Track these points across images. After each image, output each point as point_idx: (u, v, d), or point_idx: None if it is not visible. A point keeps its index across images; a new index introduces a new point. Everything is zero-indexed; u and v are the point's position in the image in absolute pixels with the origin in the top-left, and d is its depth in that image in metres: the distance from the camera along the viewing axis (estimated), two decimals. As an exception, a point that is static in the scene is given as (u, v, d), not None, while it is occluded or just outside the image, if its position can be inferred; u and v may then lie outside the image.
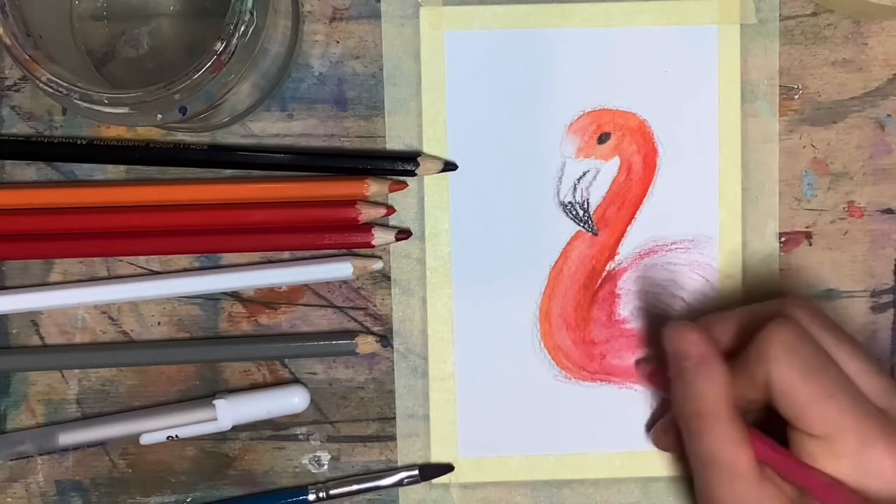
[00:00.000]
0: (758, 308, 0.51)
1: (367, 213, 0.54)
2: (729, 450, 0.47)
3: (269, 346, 0.55)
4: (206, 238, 0.54)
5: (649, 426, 0.56)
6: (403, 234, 0.54)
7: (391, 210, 0.54)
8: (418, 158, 0.54)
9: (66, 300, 0.55)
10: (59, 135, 0.55)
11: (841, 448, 0.46)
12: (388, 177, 0.54)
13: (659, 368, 0.53)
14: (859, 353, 0.49)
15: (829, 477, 0.47)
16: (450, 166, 0.54)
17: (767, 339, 0.48)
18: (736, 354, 0.49)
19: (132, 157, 0.54)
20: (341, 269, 0.54)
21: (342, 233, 0.54)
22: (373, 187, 0.54)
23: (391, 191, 0.54)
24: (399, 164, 0.54)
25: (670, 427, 0.53)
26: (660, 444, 0.55)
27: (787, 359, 0.47)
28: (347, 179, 0.54)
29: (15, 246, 0.54)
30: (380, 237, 0.54)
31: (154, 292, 0.55)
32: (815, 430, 0.47)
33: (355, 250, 0.55)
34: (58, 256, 0.55)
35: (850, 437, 0.46)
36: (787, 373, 0.47)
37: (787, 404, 0.47)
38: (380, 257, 0.55)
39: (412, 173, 0.54)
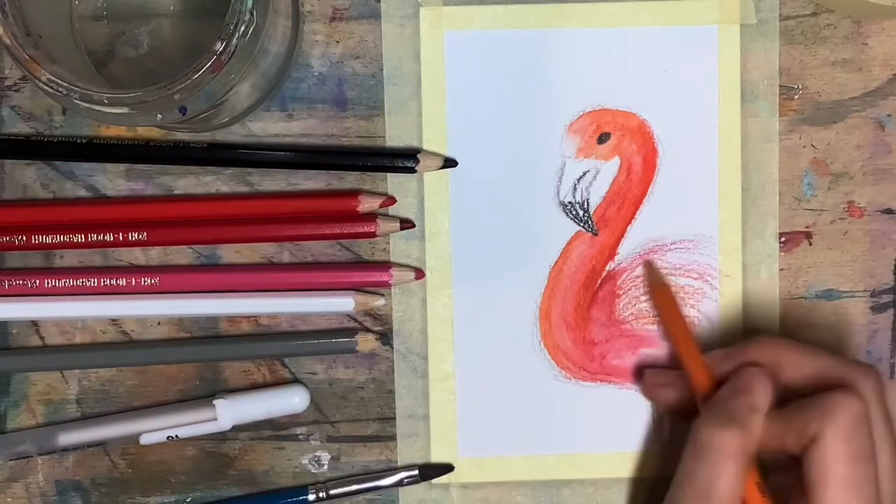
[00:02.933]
0: (834, 364, 0.50)
1: (368, 204, 0.54)
2: (727, 489, 0.47)
3: (269, 344, 0.55)
4: (205, 229, 0.54)
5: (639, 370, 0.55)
6: (407, 223, 0.54)
7: (391, 199, 0.54)
8: (418, 155, 0.54)
9: (66, 312, 0.55)
10: (58, 134, 0.55)
11: None
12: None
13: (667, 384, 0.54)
14: (894, 448, 0.49)
15: None
16: (450, 163, 0.54)
17: (838, 405, 0.47)
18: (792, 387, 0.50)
19: (132, 155, 0.54)
20: (343, 304, 0.54)
21: (344, 223, 0.54)
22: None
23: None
24: (399, 161, 0.54)
25: (671, 382, 0.53)
26: (652, 394, 0.54)
27: (846, 434, 0.47)
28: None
29: (12, 237, 0.54)
30: (383, 227, 0.54)
31: (154, 311, 0.55)
32: None
33: (360, 287, 0.55)
34: (56, 248, 0.55)
35: None
36: (839, 447, 0.47)
37: (817, 472, 0.47)
38: (382, 295, 0.55)
39: (412, 170, 0.54)
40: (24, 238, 0.54)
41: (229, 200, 0.55)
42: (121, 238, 0.54)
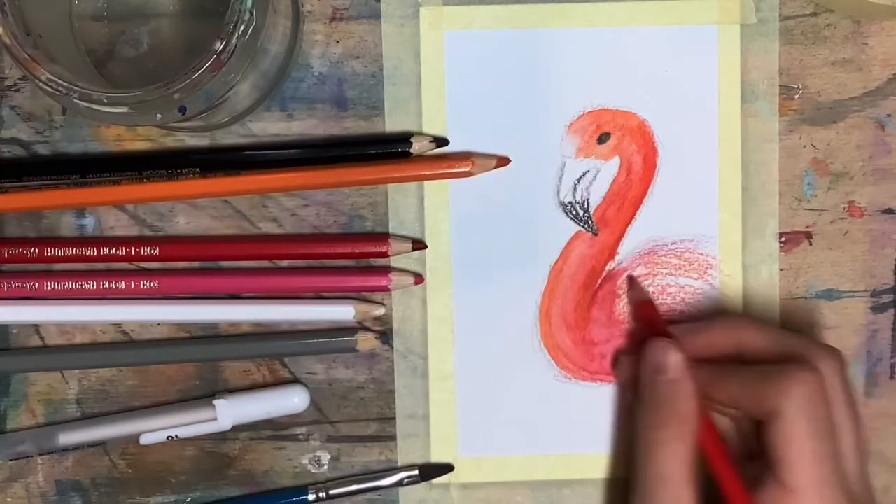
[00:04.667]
0: (796, 342, 0.51)
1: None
2: (677, 478, 0.49)
3: (270, 344, 0.55)
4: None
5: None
6: (419, 244, 0.55)
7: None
8: (411, 139, 0.54)
9: (66, 317, 0.55)
10: (48, 154, 0.55)
11: None
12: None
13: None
14: (857, 427, 0.50)
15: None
16: (441, 142, 0.54)
17: (795, 380, 0.48)
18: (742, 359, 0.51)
19: (121, 166, 0.54)
20: (343, 313, 0.54)
21: (356, 243, 0.54)
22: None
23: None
24: (393, 147, 0.54)
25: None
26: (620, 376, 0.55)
27: (804, 412, 0.48)
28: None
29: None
30: (395, 247, 0.54)
31: (155, 317, 0.55)
32: (788, 481, 0.48)
33: (360, 292, 0.55)
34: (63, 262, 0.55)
35: (815, 502, 0.48)
36: (797, 424, 0.48)
37: (777, 446, 0.48)
38: (382, 303, 0.55)
39: (408, 154, 0.54)
40: (37, 251, 0.54)
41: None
42: (132, 252, 0.54)
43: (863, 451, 0.50)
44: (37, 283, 0.54)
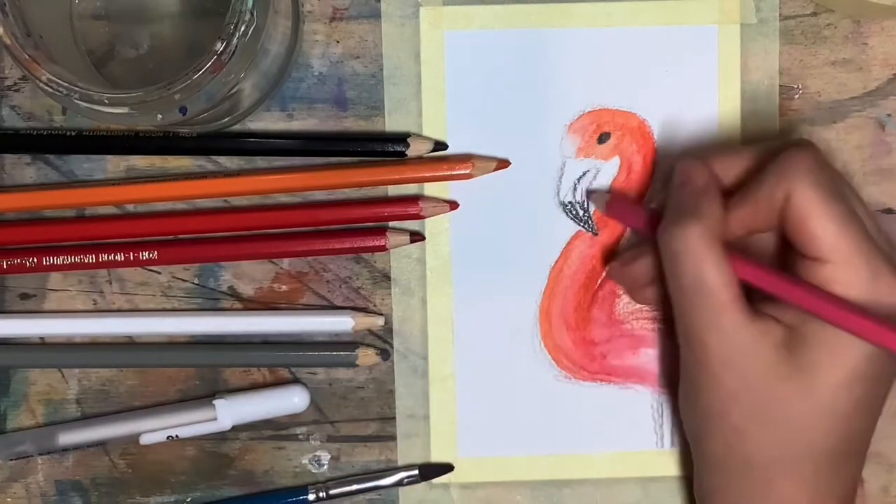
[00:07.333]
0: (768, 145, 0.50)
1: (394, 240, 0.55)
2: (715, 276, 0.46)
3: (271, 354, 0.55)
4: (218, 245, 0.55)
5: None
6: (417, 236, 0.55)
7: (418, 236, 0.55)
8: (408, 139, 0.54)
9: (69, 329, 0.55)
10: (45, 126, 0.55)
11: (853, 276, 0.46)
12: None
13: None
14: (856, 193, 0.49)
15: (815, 286, 0.46)
16: (440, 146, 0.54)
17: (791, 158, 0.47)
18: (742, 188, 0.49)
19: (122, 146, 0.54)
20: (342, 323, 0.55)
21: (355, 237, 0.54)
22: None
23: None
24: (389, 146, 0.54)
25: (635, 258, 0.52)
26: (618, 278, 0.54)
27: (811, 178, 0.46)
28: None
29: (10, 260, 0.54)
30: (393, 240, 0.54)
31: (154, 329, 0.55)
32: (829, 255, 0.46)
33: (359, 307, 0.55)
34: (56, 270, 0.55)
35: (863, 266, 0.46)
36: (808, 192, 0.46)
37: (801, 227, 0.46)
38: (381, 314, 0.55)
39: (402, 154, 0.54)
40: (35, 260, 0.54)
41: (243, 213, 0.55)
42: (131, 258, 0.54)
43: (871, 214, 0.49)
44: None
